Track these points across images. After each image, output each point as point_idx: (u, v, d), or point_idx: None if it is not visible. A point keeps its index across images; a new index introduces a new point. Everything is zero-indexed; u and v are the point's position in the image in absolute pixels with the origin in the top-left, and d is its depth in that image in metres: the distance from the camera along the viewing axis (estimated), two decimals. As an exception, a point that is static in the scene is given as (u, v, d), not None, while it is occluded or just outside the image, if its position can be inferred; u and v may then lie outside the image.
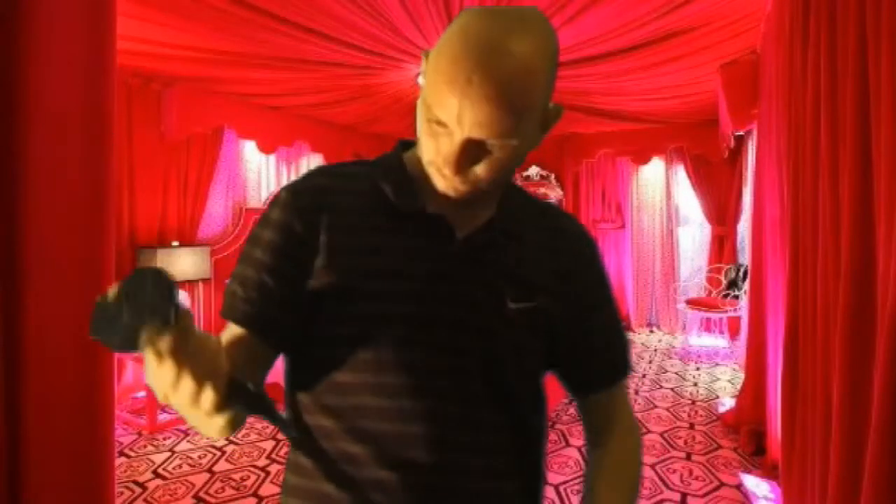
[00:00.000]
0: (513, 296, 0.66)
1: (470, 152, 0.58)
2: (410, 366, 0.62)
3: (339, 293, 0.63)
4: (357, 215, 0.67)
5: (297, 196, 0.68)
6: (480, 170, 0.60)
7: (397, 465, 0.61)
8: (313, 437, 0.64)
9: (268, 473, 2.68)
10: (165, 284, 0.44)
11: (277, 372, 0.66)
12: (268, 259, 0.65)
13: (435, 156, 0.60)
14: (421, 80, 0.65)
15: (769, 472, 2.54)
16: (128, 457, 2.85)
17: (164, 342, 0.43)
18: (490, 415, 0.65)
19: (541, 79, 0.57)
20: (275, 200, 0.68)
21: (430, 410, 0.62)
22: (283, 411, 0.62)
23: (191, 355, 0.45)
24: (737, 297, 4.93)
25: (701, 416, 3.47)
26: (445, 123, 0.57)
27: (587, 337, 0.73)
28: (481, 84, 0.53)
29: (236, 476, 2.66)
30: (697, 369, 4.54)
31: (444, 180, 0.62)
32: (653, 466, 2.76)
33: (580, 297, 0.72)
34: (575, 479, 2.63)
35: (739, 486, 2.54)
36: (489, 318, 0.65)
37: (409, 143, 0.75)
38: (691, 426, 3.30)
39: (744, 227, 5.29)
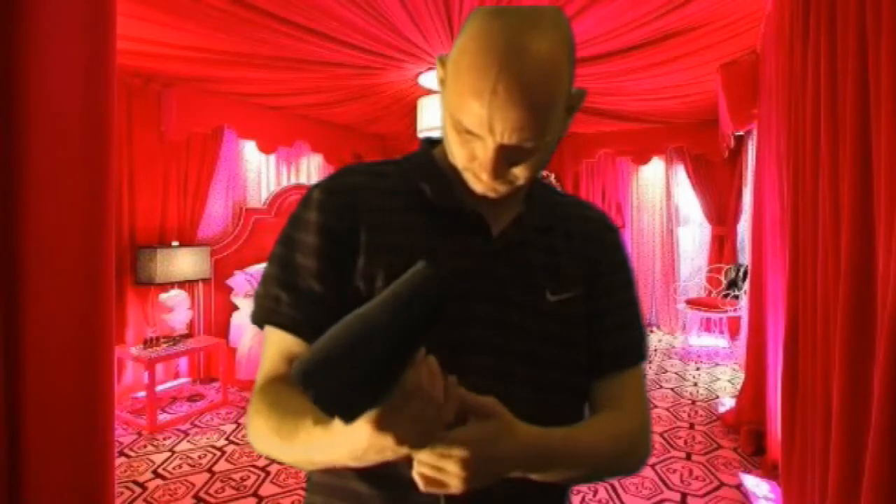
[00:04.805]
0: (551, 288, 0.67)
1: (506, 156, 0.58)
2: (451, 367, 0.62)
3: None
4: (394, 214, 0.66)
5: (332, 195, 0.67)
6: (518, 170, 0.60)
7: None
8: None
9: (268, 473, 2.68)
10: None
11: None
12: (312, 263, 0.64)
13: (469, 163, 0.61)
14: (438, 86, 0.65)
15: (769, 472, 2.54)
16: (128, 457, 2.85)
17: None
18: (532, 417, 0.63)
19: (563, 71, 0.57)
20: (307, 201, 0.67)
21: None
22: None
23: None
24: (737, 297, 4.93)
25: (701, 416, 3.47)
26: (476, 133, 0.57)
27: (602, 319, 0.71)
28: (507, 91, 0.53)
29: (236, 476, 2.66)
30: (697, 369, 4.54)
31: (481, 184, 0.62)
32: (653, 466, 2.76)
33: (602, 282, 0.72)
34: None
35: (739, 486, 2.54)
36: (528, 316, 0.65)
37: (434, 141, 0.75)
38: (691, 426, 3.30)
39: (744, 227, 5.29)
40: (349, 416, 0.42)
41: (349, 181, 0.69)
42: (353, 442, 0.48)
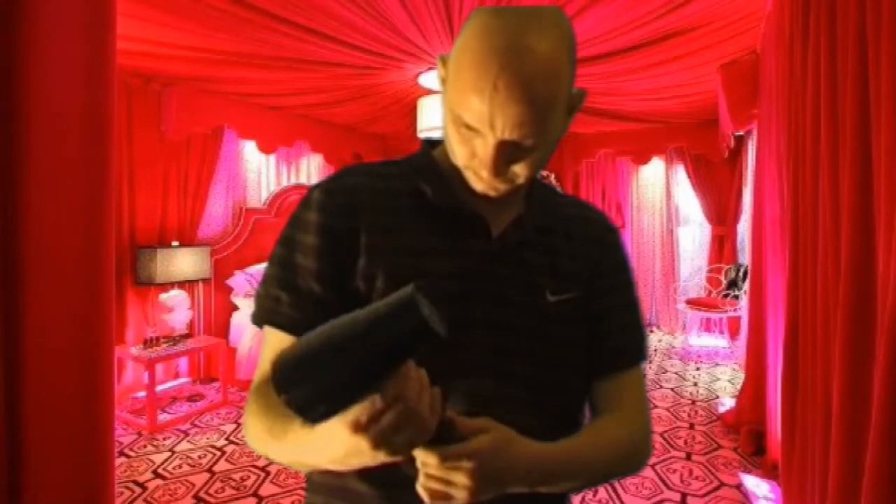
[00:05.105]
0: (551, 289, 0.67)
1: (506, 153, 0.58)
2: (452, 368, 0.62)
3: (382, 295, 0.62)
4: (394, 215, 0.66)
5: (332, 196, 0.67)
6: (518, 168, 0.60)
7: None
8: None
9: (268, 473, 2.68)
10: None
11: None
12: (312, 264, 0.64)
13: (470, 160, 0.61)
14: (439, 85, 0.66)
15: (769, 472, 2.54)
16: (128, 457, 2.85)
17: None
18: (530, 419, 0.64)
19: (564, 70, 0.57)
20: (307, 202, 0.67)
21: (469, 412, 0.61)
22: None
23: None
24: (737, 297, 4.93)
25: (701, 416, 3.47)
26: (477, 129, 0.57)
27: (601, 320, 0.71)
28: (508, 87, 0.54)
29: (236, 476, 2.66)
30: (697, 369, 4.54)
31: (482, 182, 0.62)
32: (653, 466, 2.76)
33: (602, 283, 0.72)
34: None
35: (739, 486, 2.54)
36: (529, 317, 0.66)
37: (435, 142, 0.75)
38: (691, 426, 3.30)
39: (744, 227, 5.29)
40: (313, 418, 0.43)
41: (349, 182, 0.69)
42: (333, 444, 0.49)
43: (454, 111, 0.58)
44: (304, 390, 0.42)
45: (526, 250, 0.68)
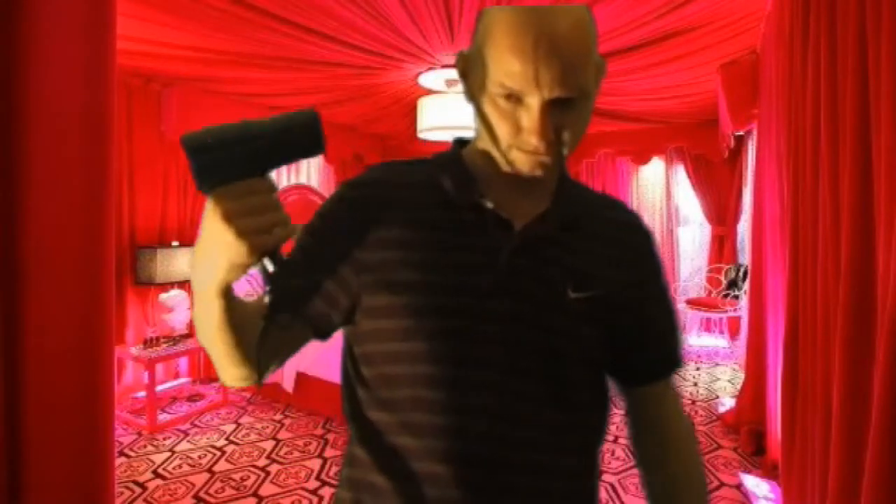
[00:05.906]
0: (573, 286, 0.66)
1: (551, 115, 0.59)
2: (467, 360, 0.62)
3: (394, 287, 0.63)
4: (413, 209, 0.67)
5: (352, 189, 0.70)
6: (564, 134, 0.61)
7: (451, 459, 0.60)
8: (371, 431, 0.65)
9: (268, 473, 2.68)
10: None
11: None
12: (306, 244, 0.68)
13: (514, 135, 0.61)
14: (461, 80, 0.68)
15: (769, 472, 2.54)
16: (128, 457, 2.85)
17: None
18: (548, 412, 0.64)
19: (591, 30, 0.61)
20: (333, 196, 0.71)
21: (487, 406, 0.61)
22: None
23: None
24: (737, 297, 4.93)
25: (701, 416, 3.47)
26: (519, 95, 0.59)
27: (641, 327, 0.72)
28: (550, 42, 0.56)
29: (236, 476, 2.66)
30: (697, 369, 4.54)
31: (528, 157, 0.62)
32: (653, 466, 2.76)
33: (636, 287, 0.71)
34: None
35: (739, 486, 2.54)
36: (548, 312, 0.65)
37: (465, 141, 0.76)
38: (691, 426, 3.30)
39: (744, 227, 5.29)
40: (204, 182, 0.51)
41: (372, 176, 0.71)
42: (207, 230, 0.53)
43: (495, 81, 0.59)
44: (202, 161, 0.50)
45: (548, 246, 0.67)
